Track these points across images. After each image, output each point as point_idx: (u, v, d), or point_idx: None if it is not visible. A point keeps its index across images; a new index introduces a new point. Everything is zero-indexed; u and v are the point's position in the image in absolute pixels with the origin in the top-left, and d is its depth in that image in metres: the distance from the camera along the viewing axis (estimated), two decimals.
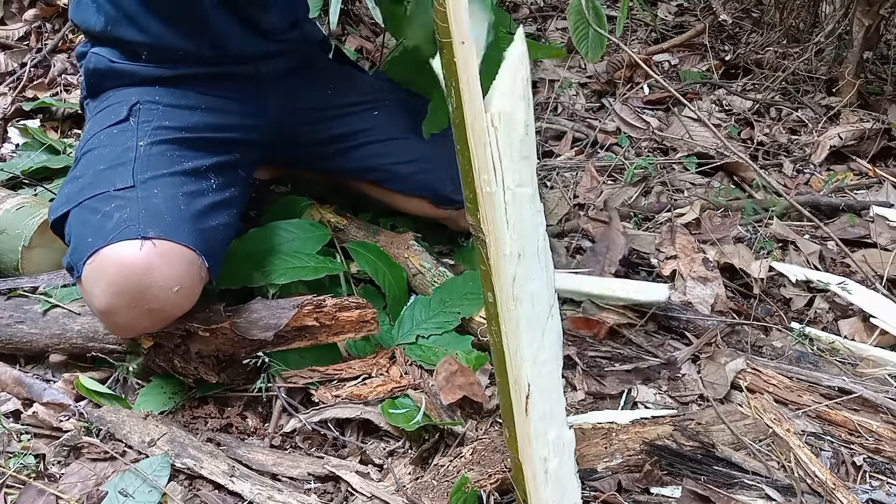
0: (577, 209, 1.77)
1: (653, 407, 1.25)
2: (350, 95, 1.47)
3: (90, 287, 1.05)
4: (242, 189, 1.33)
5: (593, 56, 1.47)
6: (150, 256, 1.03)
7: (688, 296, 1.48)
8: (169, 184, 1.14)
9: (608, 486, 1.08)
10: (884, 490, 1.12)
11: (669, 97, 2.27)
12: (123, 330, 1.12)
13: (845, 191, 1.91)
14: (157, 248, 1.04)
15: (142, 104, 1.24)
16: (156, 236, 1.04)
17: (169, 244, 1.05)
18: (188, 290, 1.09)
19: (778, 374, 1.30)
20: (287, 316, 1.16)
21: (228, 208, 1.24)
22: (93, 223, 1.07)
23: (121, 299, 1.04)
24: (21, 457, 1.08)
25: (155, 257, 1.03)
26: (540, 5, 2.81)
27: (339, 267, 1.36)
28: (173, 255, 1.06)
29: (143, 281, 1.03)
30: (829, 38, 2.37)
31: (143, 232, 1.04)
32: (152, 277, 1.03)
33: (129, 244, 1.03)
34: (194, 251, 1.09)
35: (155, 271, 1.03)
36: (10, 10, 2.26)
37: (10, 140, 1.87)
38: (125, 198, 1.09)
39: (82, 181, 1.14)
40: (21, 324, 1.24)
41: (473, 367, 1.23)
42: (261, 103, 1.38)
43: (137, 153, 1.17)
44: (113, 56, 1.28)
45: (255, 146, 1.38)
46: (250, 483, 1.06)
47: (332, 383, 1.22)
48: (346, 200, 1.62)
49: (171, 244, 1.06)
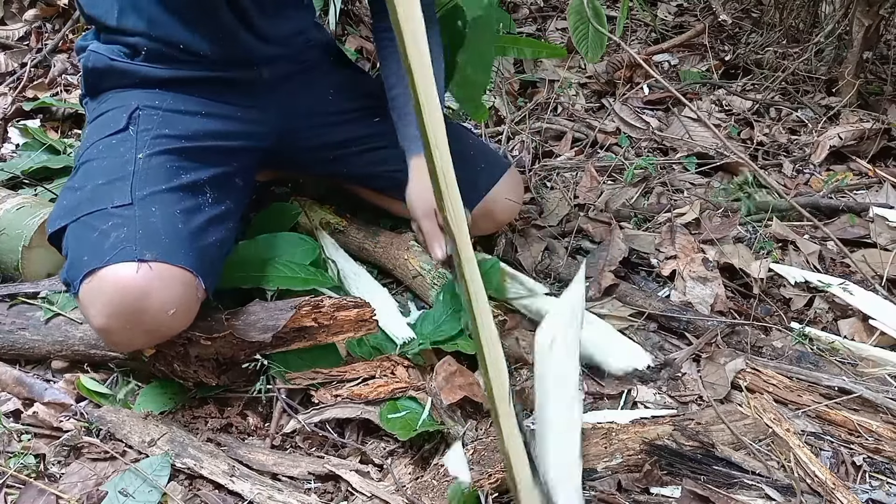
0: (578, 209, 1.77)
1: (653, 407, 1.25)
2: (351, 101, 1.46)
3: (87, 305, 1.05)
4: (238, 199, 1.32)
5: (593, 56, 1.47)
6: (148, 279, 1.02)
7: (688, 296, 1.48)
8: (167, 201, 1.13)
9: (608, 486, 1.08)
10: (884, 490, 1.12)
11: (669, 97, 2.27)
12: (121, 347, 1.13)
13: (845, 191, 1.91)
14: (154, 270, 1.03)
15: (141, 110, 1.23)
16: (153, 259, 1.04)
17: (166, 267, 1.05)
18: (184, 312, 1.09)
19: (778, 374, 1.30)
20: (285, 317, 1.16)
21: (224, 222, 1.23)
22: (90, 241, 1.06)
23: (117, 320, 1.03)
24: (21, 457, 1.08)
25: (153, 280, 1.03)
26: (540, 5, 2.82)
27: (330, 280, 1.36)
28: (171, 277, 1.05)
29: (140, 304, 1.02)
30: (829, 38, 2.37)
31: (140, 254, 1.03)
32: (149, 300, 1.03)
33: (126, 266, 1.02)
34: (191, 272, 1.08)
35: (152, 294, 1.03)
36: (10, 10, 2.26)
37: (11, 140, 1.87)
38: (123, 216, 1.09)
39: (80, 195, 1.13)
40: (23, 330, 1.24)
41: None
42: (262, 108, 1.37)
43: (136, 167, 1.16)
44: (112, 54, 1.27)
45: (255, 151, 1.37)
46: (250, 483, 1.06)
47: (332, 384, 1.22)
48: (346, 201, 1.62)
49: (168, 266, 1.05)
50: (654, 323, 1.44)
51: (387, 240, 1.50)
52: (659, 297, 1.47)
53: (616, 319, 1.42)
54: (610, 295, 1.48)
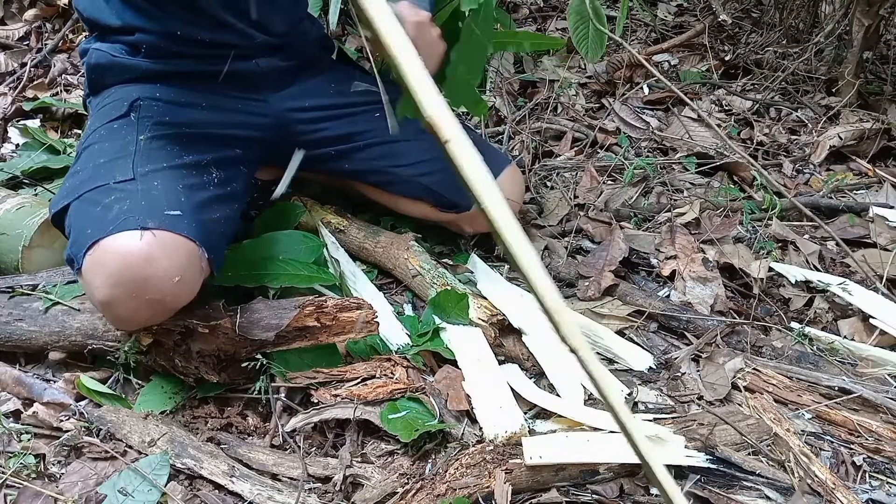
0: (577, 209, 1.77)
1: (653, 407, 1.25)
2: (351, 96, 1.47)
3: (90, 278, 1.05)
4: (244, 185, 1.33)
5: (593, 56, 1.47)
6: (150, 247, 1.03)
7: (688, 296, 1.48)
8: (169, 176, 1.14)
9: (610, 491, 1.08)
10: (884, 490, 1.12)
11: (669, 97, 2.26)
12: (123, 322, 1.12)
13: (845, 191, 1.90)
14: (157, 238, 1.04)
15: (142, 101, 1.25)
16: (156, 227, 1.04)
17: (169, 235, 1.05)
18: (188, 281, 1.09)
19: (778, 373, 1.30)
20: (289, 316, 1.16)
21: (230, 202, 1.24)
22: (93, 215, 1.07)
23: (121, 290, 1.04)
24: (21, 457, 1.08)
25: (155, 248, 1.03)
26: (540, 5, 2.81)
27: (332, 278, 1.36)
28: (174, 245, 1.06)
29: (144, 271, 1.03)
30: (829, 38, 2.37)
31: (143, 223, 1.04)
32: (152, 268, 1.03)
33: (129, 235, 1.03)
34: (194, 242, 1.09)
35: (155, 262, 1.03)
36: (10, 10, 2.27)
37: (10, 140, 1.87)
38: (125, 190, 1.10)
39: (82, 175, 1.15)
40: (20, 321, 1.24)
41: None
42: (261, 102, 1.38)
43: (137, 147, 1.17)
44: (114, 51, 1.28)
45: (255, 144, 1.38)
46: (250, 483, 1.06)
47: (332, 384, 1.22)
48: (347, 201, 1.62)
49: (171, 235, 1.06)
50: (654, 323, 1.44)
51: (387, 240, 1.50)
52: (659, 297, 1.47)
53: (616, 319, 1.42)
54: (610, 295, 1.48)
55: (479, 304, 1.35)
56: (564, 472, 1.08)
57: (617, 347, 1.35)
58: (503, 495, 1.02)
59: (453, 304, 1.33)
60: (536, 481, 1.07)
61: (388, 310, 1.39)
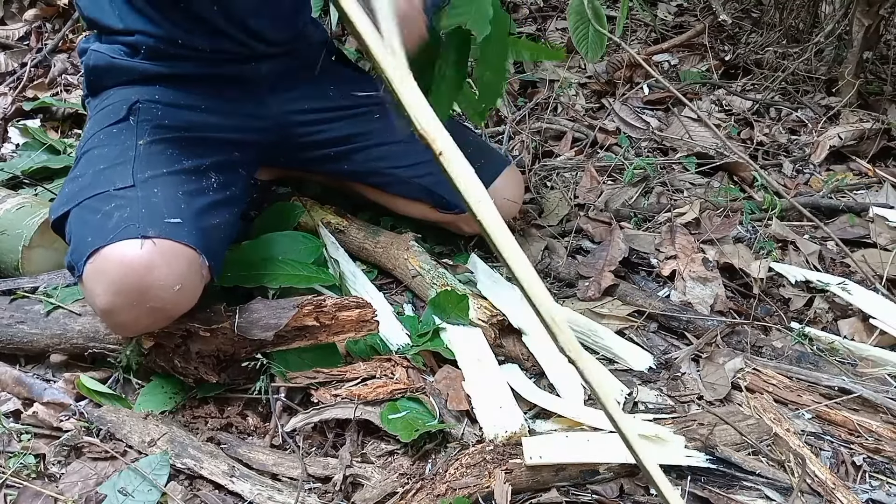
0: (577, 209, 1.77)
1: (653, 407, 1.25)
2: (351, 98, 1.47)
3: (91, 286, 1.05)
4: (243, 188, 1.33)
5: (593, 56, 1.47)
6: (151, 255, 1.03)
7: (688, 296, 1.48)
8: (169, 182, 1.14)
9: (610, 491, 1.08)
10: (884, 490, 1.12)
11: (669, 97, 2.26)
12: (125, 329, 1.12)
13: (845, 191, 1.90)
14: (158, 246, 1.04)
15: (141, 103, 1.25)
16: (156, 235, 1.05)
17: (169, 243, 1.06)
18: (189, 289, 1.09)
19: (778, 373, 1.30)
20: (287, 316, 1.16)
21: (229, 207, 1.24)
22: (93, 223, 1.07)
23: (122, 298, 1.04)
24: (21, 457, 1.08)
25: (155, 256, 1.04)
26: (540, 5, 2.81)
27: (332, 278, 1.36)
28: (174, 253, 1.06)
29: (144, 280, 1.03)
30: (829, 38, 2.37)
31: (144, 231, 1.04)
32: (153, 276, 1.03)
33: (130, 243, 1.03)
34: (195, 250, 1.09)
35: (156, 270, 1.03)
36: (10, 10, 2.27)
37: (11, 140, 1.87)
38: (125, 197, 1.10)
39: (82, 181, 1.15)
40: (22, 324, 1.24)
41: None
42: (261, 103, 1.38)
43: (137, 152, 1.17)
44: (113, 52, 1.28)
45: (255, 147, 1.38)
46: (250, 483, 1.06)
47: (332, 384, 1.22)
48: (347, 201, 1.62)
49: (171, 243, 1.06)
50: (654, 323, 1.44)
51: (387, 240, 1.50)
52: (659, 297, 1.47)
53: (616, 319, 1.42)
54: (610, 295, 1.48)
55: (479, 305, 1.35)
56: (564, 472, 1.08)
57: (617, 347, 1.35)
58: (503, 495, 1.02)
59: (453, 305, 1.33)
60: (536, 481, 1.07)
61: (388, 310, 1.39)
